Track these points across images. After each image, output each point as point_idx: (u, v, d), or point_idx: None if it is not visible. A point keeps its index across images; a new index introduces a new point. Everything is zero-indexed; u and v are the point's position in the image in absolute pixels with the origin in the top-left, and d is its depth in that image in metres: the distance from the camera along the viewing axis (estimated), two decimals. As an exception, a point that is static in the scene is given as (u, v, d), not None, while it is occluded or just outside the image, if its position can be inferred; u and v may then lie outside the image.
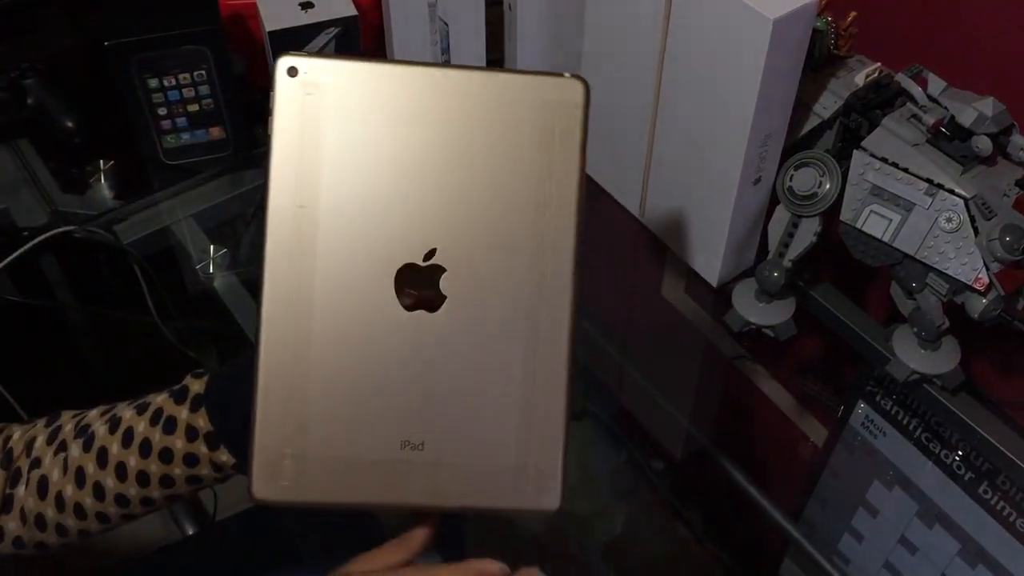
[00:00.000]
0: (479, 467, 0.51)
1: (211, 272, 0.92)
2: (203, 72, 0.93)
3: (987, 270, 0.70)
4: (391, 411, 0.51)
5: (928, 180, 0.71)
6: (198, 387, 0.60)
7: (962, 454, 0.86)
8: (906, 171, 0.72)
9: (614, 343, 1.06)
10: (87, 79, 1.09)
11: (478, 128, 0.50)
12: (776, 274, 0.81)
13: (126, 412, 0.62)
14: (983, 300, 0.72)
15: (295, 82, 0.49)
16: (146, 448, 0.60)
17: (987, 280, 0.70)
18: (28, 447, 0.63)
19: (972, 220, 0.70)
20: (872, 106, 0.76)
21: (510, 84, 0.51)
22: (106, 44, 0.89)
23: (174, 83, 0.93)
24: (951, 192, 0.70)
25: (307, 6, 0.93)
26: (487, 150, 0.50)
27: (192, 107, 0.96)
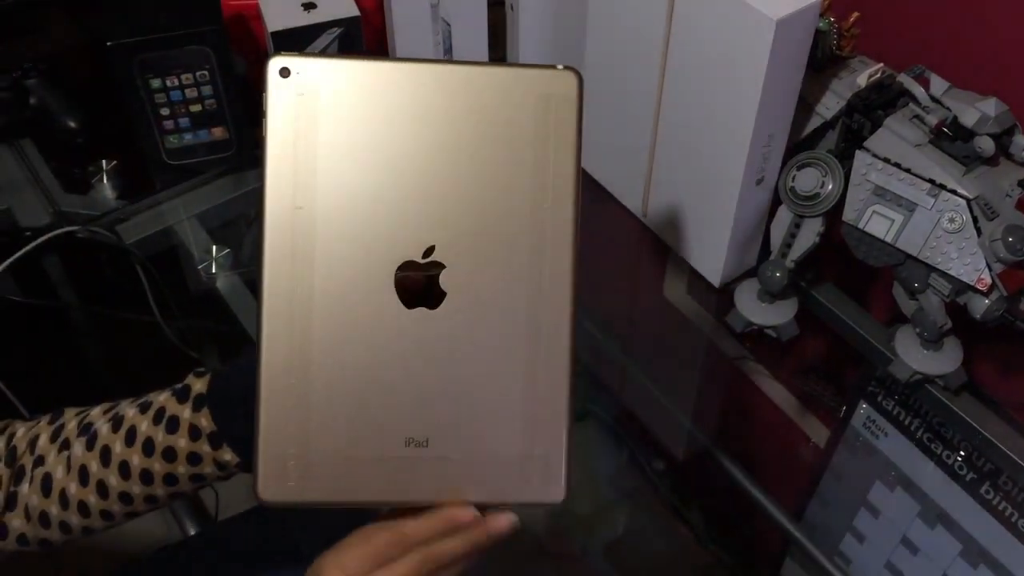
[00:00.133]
0: (484, 462, 0.51)
1: (214, 272, 0.93)
2: (206, 72, 0.93)
3: (990, 270, 0.70)
4: (394, 409, 0.51)
5: (931, 180, 0.71)
6: (200, 386, 0.60)
7: (964, 454, 0.86)
8: (909, 171, 0.72)
9: (616, 343, 1.06)
10: (89, 79, 1.09)
11: (473, 123, 0.50)
12: (778, 274, 0.81)
13: (128, 410, 0.62)
14: (985, 300, 0.72)
15: (288, 83, 0.49)
16: (149, 447, 0.60)
17: (989, 280, 0.70)
18: (32, 445, 0.63)
19: (975, 220, 0.70)
20: (874, 106, 0.76)
21: (504, 77, 0.50)
22: (108, 44, 0.89)
23: (177, 83, 0.94)
24: (954, 192, 0.70)
25: (309, 7, 0.93)
26: (482, 145, 0.50)
27: (195, 107, 0.96)
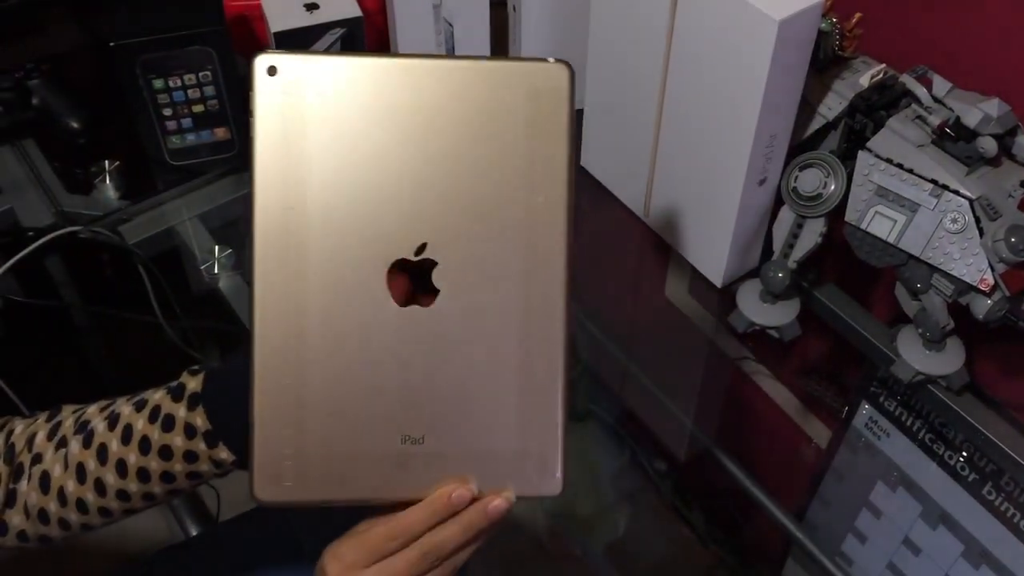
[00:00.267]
0: (479, 457, 0.52)
1: (216, 272, 0.93)
2: (208, 73, 0.94)
3: (992, 271, 0.70)
4: (389, 406, 0.51)
5: (933, 181, 0.71)
6: (194, 385, 0.60)
7: (966, 455, 0.86)
8: (911, 172, 0.72)
9: (617, 344, 1.06)
10: (92, 79, 1.09)
11: (463, 118, 0.49)
12: (781, 275, 0.82)
13: (124, 408, 0.62)
14: (988, 301, 0.72)
15: (275, 81, 0.48)
16: (145, 445, 0.60)
17: (992, 281, 0.70)
18: (30, 442, 0.63)
19: (977, 221, 0.70)
20: (877, 107, 0.76)
21: (494, 72, 0.50)
22: (112, 45, 0.89)
23: (179, 84, 0.94)
24: (956, 193, 0.70)
25: (312, 7, 0.93)
26: (473, 140, 0.49)
27: (197, 108, 0.96)
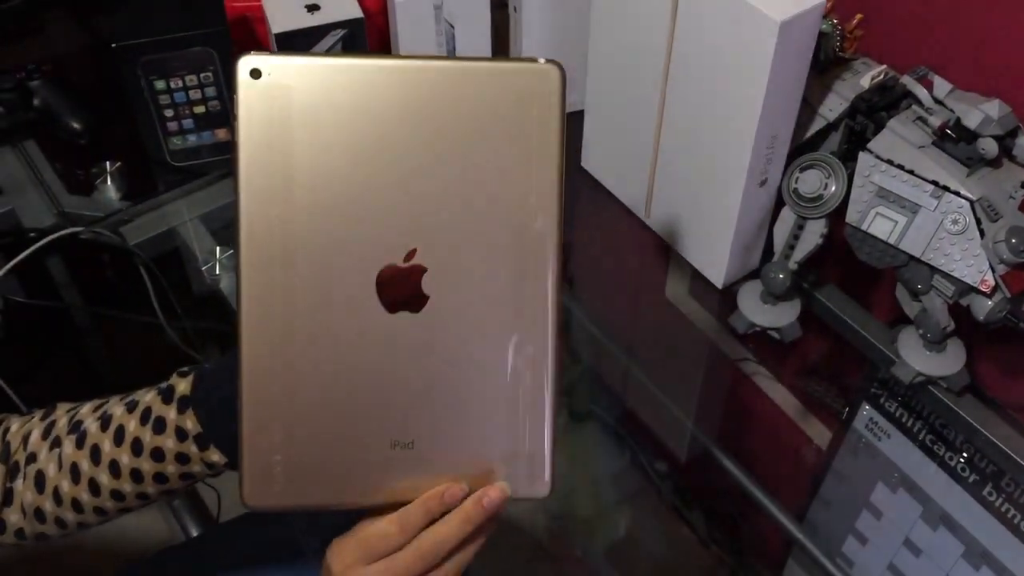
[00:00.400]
0: (469, 461, 0.52)
1: (217, 273, 0.93)
2: (209, 74, 0.94)
3: (993, 272, 0.70)
4: (379, 412, 0.51)
5: (934, 182, 0.71)
6: (184, 387, 0.60)
7: (967, 456, 0.86)
8: (912, 173, 0.72)
9: (618, 344, 1.06)
10: (94, 80, 1.10)
11: (453, 120, 0.48)
12: (781, 276, 0.82)
13: (116, 409, 0.62)
14: (989, 302, 0.72)
15: (259, 84, 0.46)
16: (137, 447, 0.60)
17: (993, 282, 0.70)
18: (25, 440, 0.64)
19: (978, 222, 0.70)
20: (878, 108, 0.76)
21: (484, 73, 0.49)
22: (113, 46, 0.89)
23: (181, 85, 0.94)
24: (957, 194, 0.71)
25: (313, 8, 0.93)
26: (464, 142, 0.48)
27: (198, 108, 0.96)
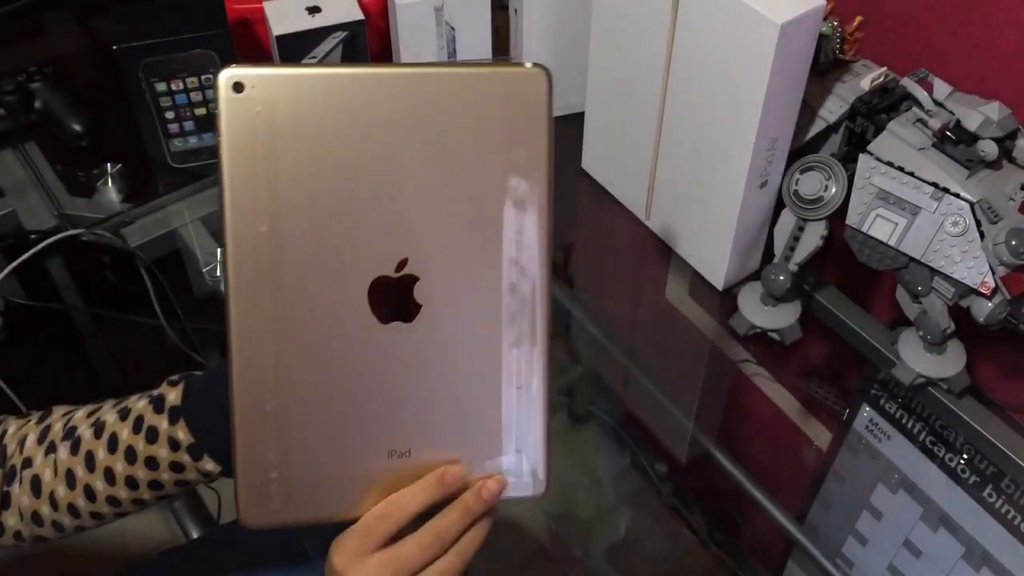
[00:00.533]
0: (465, 463, 0.52)
1: (218, 275, 0.92)
2: (210, 76, 0.94)
3: (993, 274, 0.70)
4: (375, 423, 0.50)
5: (934, 184, 0.72)
6: (174, 397, 0.59)
7: (967, 457, 0.86)
8: (912, 175, 0.73)
9: (618, 346, 1.06)
10: (95, 83, 1.10)
11: (441, 128, 0.47)
12: (782, 278, 0.82)
13: (109, 416, 0.61)
14: (989, 304, 0.72)
15: (242, 99, 0.45)
16: (131, 455, 0.60)
17: (993, 284, 0.71)
18: (21, 444, 0.63)
19: (978, 224, 0.70)
20: (878, 110, 0.76)
21: (471, 80, 0.48)
22: (114, 48, 0.89)
23: (182, 87, 0.94)
24: (957, 196, 0.71)
25: (314, 10, 0.93)
26: (452, 150, 0.48)
27: (199, 110, 0.96)
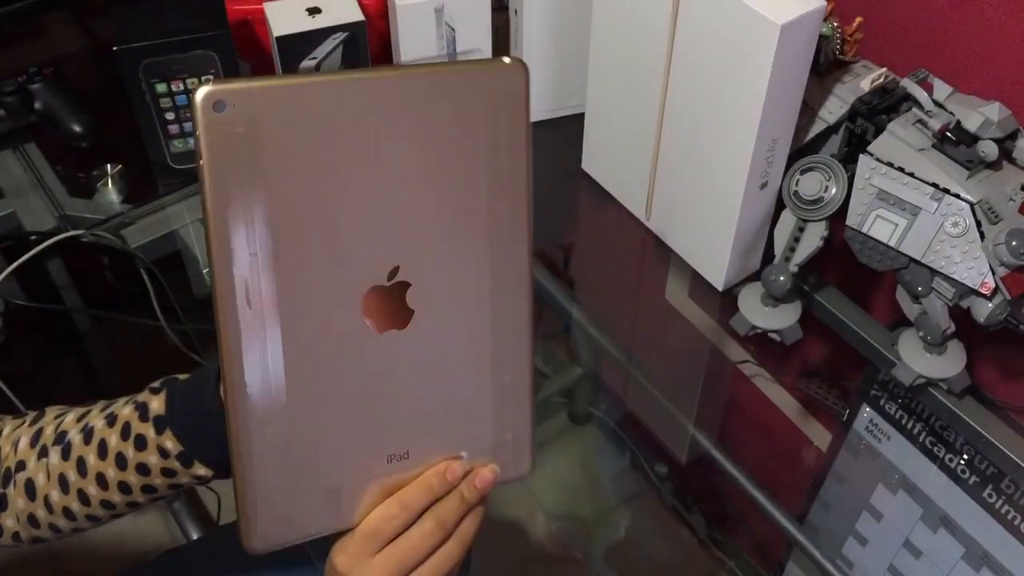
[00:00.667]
0: (460, 455, 0.53)
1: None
2: (211, 77, 0.94)
3: (993, 274, 0.70)
4: (374, 432, 0.51)
5: (934, 185, 0.72)
6: (157, 406, 0.59)
7: (967, 458, 0.86)
8: (912, 176, 0.73)
9: (618, 347, 1.07)
10: (95, 83, 1.10)
11: (421, 130, 0.47)
12: (782, 278, 0.82)
13: (97, 422, 0.61)
14: (989, 304, 0.72)
15: (224, 118, 0.43)
16: (121, 461, 0.59)
17: (993, 284, 0.71)
18: (15, 447, 0.63)
19: (978, 224, 0.70)
20: (878, 111, 0.76)
21: (449, 79, 0.48)
22: (114, 48, 0.89)
23: (182, 87, 0.94)
24: (957, 196, 0.71)
25: (314, 11, 0.93)
26: (433, 152, 0.47)
27: (199, 111, 0.96)
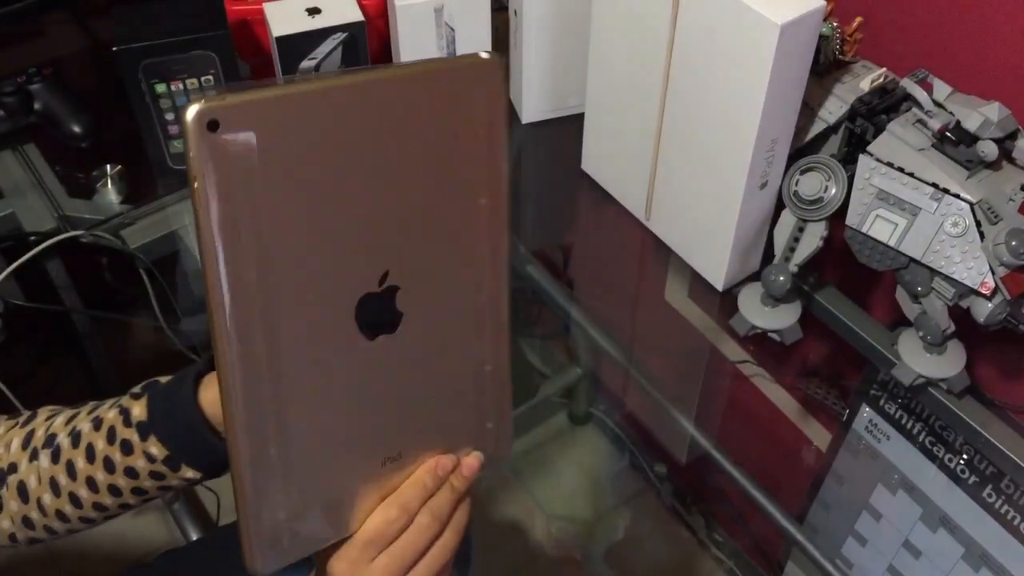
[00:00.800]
0: (448, 448, 0.55)
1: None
2: (211, 77, 0.94)
3: (993, 274, 0.70)
4: (369, 438, 0.51)
5: (934, 185, 0.72)
6: (139, 412, 0.59)
7: (966, 458, 0.86)
8: (912, 176, 0.73)
9: (618, 347, 1.07)
10: (95, 84, 1.10)
11: (404, 132, 0.47)
12: (782, 278, 0.82)
13: (84, 426, 0.61)
14: (989, 304, 0.72)
15: (217, 139, 0.41)
16: (110, 465, 0.60)
17: (993, 284, 0.71)
18: (7, 448, 0.64)
19: (978, 224, 0.70)
20: (877, 111, 0.76)
21: (426, 77, 0.48)
22: (114, 49, 0.89)
23: (182, 88, 0.94)
24: (957, 196, 0.71)
25: (314, 12, 0.93)
26: (415, 152, 0.48)
27: (199, 112, 0.96)
